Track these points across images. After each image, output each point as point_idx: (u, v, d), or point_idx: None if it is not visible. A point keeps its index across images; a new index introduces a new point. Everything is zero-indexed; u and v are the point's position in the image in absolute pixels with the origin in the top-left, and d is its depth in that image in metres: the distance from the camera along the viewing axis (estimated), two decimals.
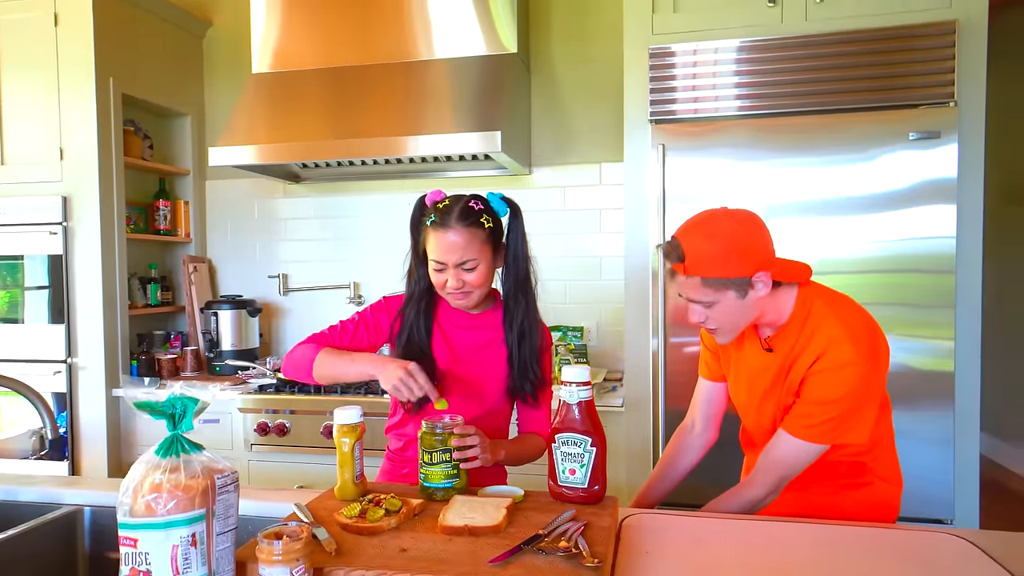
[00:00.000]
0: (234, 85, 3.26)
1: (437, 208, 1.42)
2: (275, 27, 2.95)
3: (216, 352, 2.93)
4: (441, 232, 1.39)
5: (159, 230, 3.13)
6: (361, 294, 3.15)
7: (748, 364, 1.41)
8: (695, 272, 1.28)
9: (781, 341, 1.34)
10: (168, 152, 3.28)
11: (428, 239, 1.42)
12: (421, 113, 2.67)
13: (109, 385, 2.75)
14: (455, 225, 1.38)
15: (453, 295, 1.44)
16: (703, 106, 2.30)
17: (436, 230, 1.40)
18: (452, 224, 1.38)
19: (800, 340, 1.30)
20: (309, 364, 1.44)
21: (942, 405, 2.12)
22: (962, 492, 2.15)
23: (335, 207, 3.20)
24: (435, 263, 1.42)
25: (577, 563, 0.98)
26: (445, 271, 1.41)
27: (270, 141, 2.71)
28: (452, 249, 1.38)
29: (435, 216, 1.41)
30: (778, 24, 2.25)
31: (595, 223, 2.95)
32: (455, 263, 1.39)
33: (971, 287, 2.14)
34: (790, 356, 1.32)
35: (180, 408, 0.96)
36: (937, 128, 2.09)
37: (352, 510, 1.13)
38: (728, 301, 1.28)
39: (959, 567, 1.06)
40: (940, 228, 2.11)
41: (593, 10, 2.93)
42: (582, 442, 1.22)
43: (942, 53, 2.12)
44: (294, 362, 1.48)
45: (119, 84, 2.82)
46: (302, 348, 1.48)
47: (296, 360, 1.47)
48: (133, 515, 0.91)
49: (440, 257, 1.40)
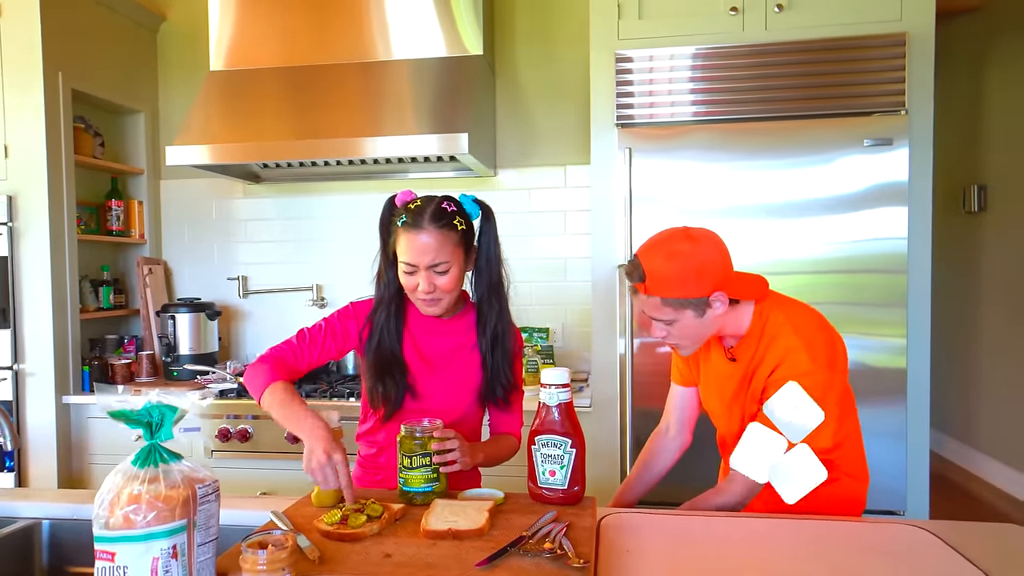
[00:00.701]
0: (189, 82, 3.17)
1: (408, 208, 1.39)
2: (233, 24, 2.88)
3: (174, 356, 2.85)
4: (413, 233, 1.36)
5: (111, 231, 3.02)
6: (324, 296, 3.11)
7: (715, 372, 1.46)
8: (655, 292, 1.32)
9: (743, 351, 1.39)
10: (120, 150, 3.18)
11: (399, 240, 1.38)
12: (387, 114, 2.64)
13: (59, 392, 2.64)
14: (427, 226, 1.35)
15: (424, 302, 1.41)
16: (667, 110, 2.34)
17: (408, 231, 1.36)
18: (424, 225, 1.35)
19: (759, 350, 1.36)
20: (258, 395, 1.38)
21: (894, 401, 2.21)
22: (913, 484, 2.24)
23: (297, 208, 3.15)
24: (406, 265, 1.38)
25: (563, 564, 0.99)
26: (416, 274, 1.38)
27: (230, 140, 2.65)
28: (424, 251, 1.35)
29: (406, 217, 1.37)
30: (740, 32, 2.31)
31: (560, 225, 2.97)
32: (427, 265, 1.36)
33: (921, 287, 2.24)
34: (751, 365, 1.37)
35: (157, 417, 0.94)
36: (889, 135, 2.18)
37: (333, 516, 1.11)
38: (686, 320, 1.33)
39: (923, 556, 1.11)
40: (893, 230, 2.20)
41: (557, 14, 2.95)
42: (562, 443, 1.23)
43: (893, 63, 2.21)
44: (249, 384, 1.42)
45: (68, 79, 2.71)
46: (258, 370, 1.40)
47: (250, 383, 1.41)
48: (110, 528, 0.88)
49: (412, 259, 1.36)
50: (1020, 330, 3.60)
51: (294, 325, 3.26)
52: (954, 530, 1.22)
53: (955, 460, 4.16)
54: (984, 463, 3.93)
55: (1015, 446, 3.65)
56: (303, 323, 1.56)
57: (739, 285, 1.34)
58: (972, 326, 4.04)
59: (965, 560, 1.09)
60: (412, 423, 1.28)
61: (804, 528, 1.23)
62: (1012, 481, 3.66)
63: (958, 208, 4.08)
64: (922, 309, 2.25)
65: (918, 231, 2.24)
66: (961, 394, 4.10)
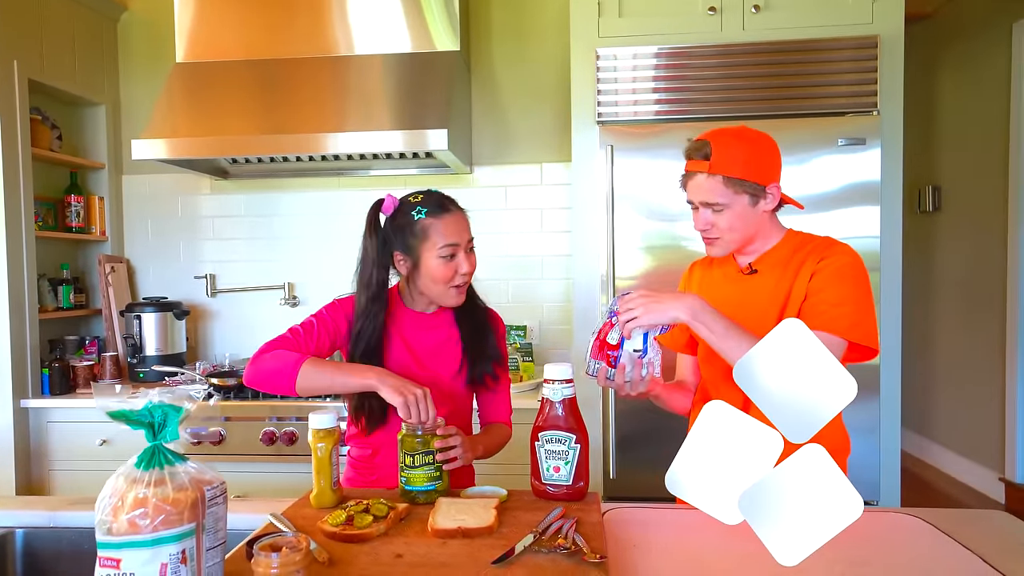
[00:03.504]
0: (152, 74, 3.07)
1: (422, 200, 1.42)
2: (200, 15, 2.79)
3: (139, 358, 2.75)
4: (448, 216, 1.41)
5: (71, 227, 2.90)
6: (296, 295, 3.03)
7: (722, 295, 1.42)
8: (719, 170, 1.31)
9: (769, 261, 1.38)
10: (79, 144, 3.05)
11: (431, 229, 1.40)
12: (360, 109, 2.60)
13: (17, 396, 2.52)
14: (455, 209, 1.43)
15: (458, 288, 1.44)
16: (647, 108, 2.36)
17: (439, 216, 1.40)
18: (452, 208, 1.43)
19: (798, 255, 1.35)
20: (293, 372, 1.30)
21: (867, 397, 2.27)
22: (885, 476, 2.31)
23: (267, 204, 3.07)
24: (447, 248, 1.39)
25: (579, 560, 0.98)
26: (457, 255, 1.41)
27: (198, 134, 2.56)
28: (464, 227, 1.43)
29: (428, 206, 1.41)
30: (718, 32, 2.35)
31: (536, 223, 2.97)
32: (467, 240, 1.43)
33: (893, 284, 2.31)
34: (788, 272, 1.34)
35: (159, 416, 0.90)
36: (862, 135, 2.24)
37: (337, 517, 1.08)
38: (739, 207, 1.33)
39: (921, 543, 1.14)
40: (865, 228, 2.26)
41: (532, 11, 2.94)
42: (566, 439, 1.22)
43: (866, 65, 2.27)
44: (270, 370, 1.32)
45: (24, 68, 2.59)
46: (278, 355, 1.34)
47: (273, 368, 1.32)
48: (113, 534, 0.83)
49: (455, 239, 1.40)
50: (974, 327, 3.75)
51: (265, 324, 3.17)
52: (944, 517, 1.25)
53: (911, 451, 4.31)
54: (939, 453, 4.08)
55: (969, 437, 3.80)
56: (275, 322, 1.53)
57: (786, 194, 1.37)
58: (929, 322, 4.19)
59: (959, 545, 1.12)
60: (413, 421, 1.26)
61: None
62: (966, 470, 3.81)
63: (914, 208, 4.22)
64: (893, 307, 2.32)
65: (889, 229, 2.31)
66: (919, 388, 4.25)
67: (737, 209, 1.33)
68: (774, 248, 1.39)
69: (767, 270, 1.38)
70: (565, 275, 2.93)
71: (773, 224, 1.40)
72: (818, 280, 1.31)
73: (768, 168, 1.33)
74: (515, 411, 1.64)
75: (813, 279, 1.31)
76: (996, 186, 3.51)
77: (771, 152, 1.35)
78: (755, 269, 1.39)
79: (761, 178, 1.32)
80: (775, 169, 1.35)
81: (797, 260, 1.35)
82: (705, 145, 1.32)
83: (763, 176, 1.32)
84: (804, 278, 1.32)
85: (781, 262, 1.37)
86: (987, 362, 3.61)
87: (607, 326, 1.27)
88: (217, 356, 3.06)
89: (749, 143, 1.33)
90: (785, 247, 1.38)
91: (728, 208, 1.32)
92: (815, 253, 1.34)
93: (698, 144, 1.34)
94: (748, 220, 1.34)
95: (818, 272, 1.31)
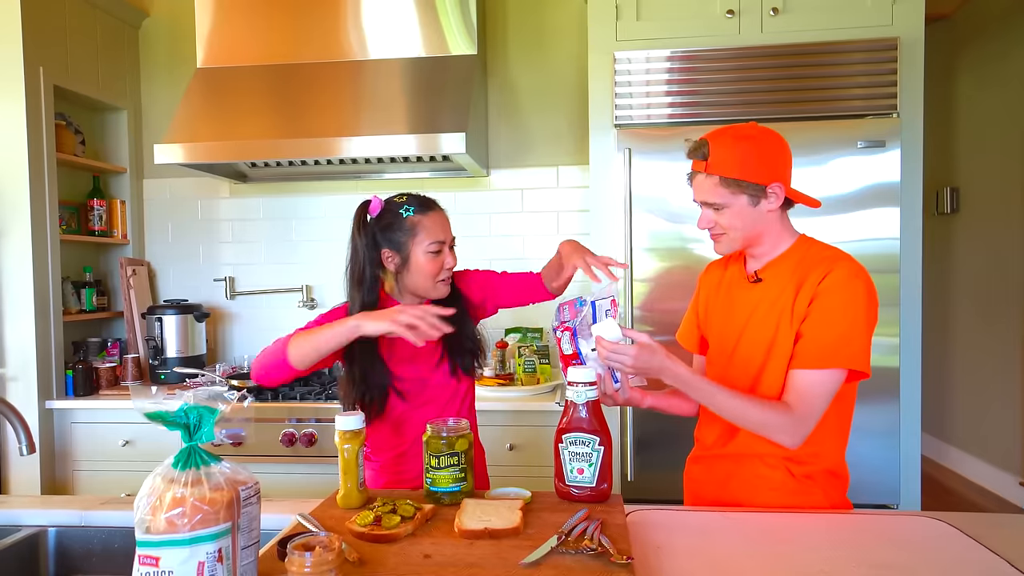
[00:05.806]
0: (173, 79, 3.11)
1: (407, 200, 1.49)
2: (221, 20, 2.83)
3: (161, 359, 2.78)
4: (433, 214, 1.49)
5: (93, 231, 2.94)
6: (314, 297, 3.06)
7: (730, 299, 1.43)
8: (716, 170, 1.31)
9: (775, 271, 1.37)
10: (101, 149, 3.09)
11: (419, 226, 1.47)
12: (382, 113, 2.62)
13: (42, 397, 2.56)
14: (438, 208, 1.52)
15: (444, 282, 1.51)
16: (665, 111, 2.37)
17: (425, 214, 1.48)
18: (436, 207, 1.52)
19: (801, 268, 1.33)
20: (284, 348, 1.38)
21: (888, 399, 2.26)
22: (906, 480, 2.30)
23: (285, 208, 3.10)
24: (434, 244, 1.47)
25: (606, 561, 0.99)
26: (442, 251, 1.48)
27: (218, 139, 2.60)
28: (448, 226, 1.52)
29: (414, 205, 1.49)
30: (736, 35, 2.35)
31: (552, 225, 2.98)
32: (451, 237, 1.51)
33: (913, 286, 2.30)
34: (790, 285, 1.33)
35: (195, 418, 0.92)
36: (882, 137, 2.23)
37: (365, 518, 1.10)
38: (739, 207, 1.32)
39: (948, 547, 1.14)
40: (885, 230, 2.25)
41: (549, 14, 2.96)
42: (590, 441, 1.23)
43: (885, 67, 2.26)
44: (267, 357, 1.42)
45: (50, 75, 2.63)
46: (270, 346, 1.44)
47: (269, 354, 1.42)
48: (151, 532, 0.85)
49: (441, 236, 1.48)
50: (992, 329, 3.72)
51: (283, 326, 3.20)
52: (969, 521, 1.25)
53: (929, 455, 4.28)
54: (958, 457, 4.05)
55: (988, 441, 3.77)
56: (293, 324, 1.57)
57: (797, 192, 1.35)
58: (946, 325, 4.16)
59: (986, 549, 1.12)
60: (438, 423, 1.27)
61: (828, 522, 1.25)
62: (985, 474, 3.77)
63: (932, 210, 4.19)
64: (913, 309, 2.30)
65: (909, 231, 2.30)
66: (936, 391, 4.22)
67: (736, 209, 1.32)
68: (781, 256, 1.37)
69: (771, 280, 1.37)
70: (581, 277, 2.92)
71: (783, 226, 1.38)
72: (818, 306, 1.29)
73: (770, 167, 1.31)
74: (535, 413, 1.65)
75: (813, 304, 1.29)
76: (1015, 187, 3.49)
77: (774, 151, 1.33)
78: (760, 278, 1.39)
79: (761, 178, 1.30)
80: (779, 168, 1.33)
81: (800, 273, 1.33)
82: (703, 145, 1.33)
83: (763, 176, 1.31)
84: (804, 299, 1.31)
85: (785, 273, 1.35)
86: (1006, 364, 3.58)
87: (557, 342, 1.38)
88: (236, 358, 3.09)
89: (749, 142, 1.32)
90: (791, 257, 1.36)
91: (728, 208, 1.33)
92: (819, 268, 1.31)
93: (697, 144, 1.34)
94: (749, 219, 1.33)
95: (818, 296, 1.29)
